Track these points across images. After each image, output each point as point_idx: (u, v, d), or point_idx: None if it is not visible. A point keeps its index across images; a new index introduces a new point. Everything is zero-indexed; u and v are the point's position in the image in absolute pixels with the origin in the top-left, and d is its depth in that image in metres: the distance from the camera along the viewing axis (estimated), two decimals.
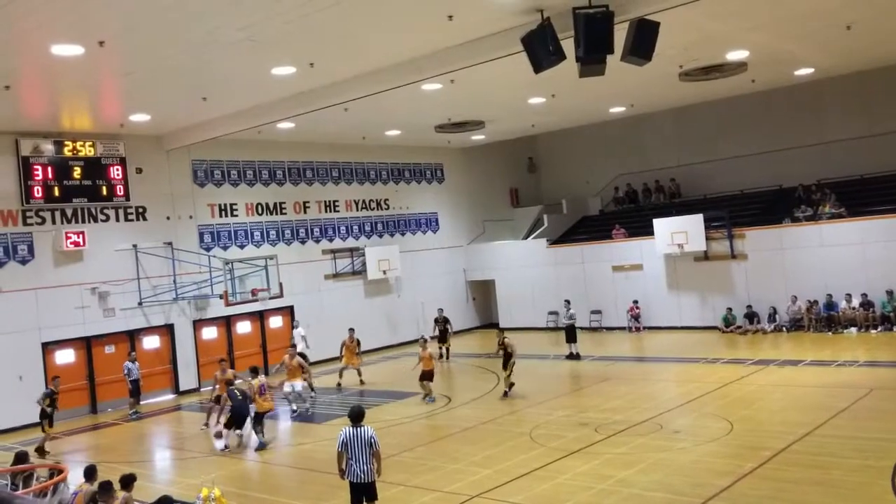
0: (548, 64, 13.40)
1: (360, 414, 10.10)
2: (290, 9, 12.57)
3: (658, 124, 30.66)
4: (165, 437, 17.97)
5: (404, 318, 29.47)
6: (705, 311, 26.24)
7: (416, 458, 13.75)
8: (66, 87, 16.71)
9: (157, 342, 23.02)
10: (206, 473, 12.68)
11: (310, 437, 16.00)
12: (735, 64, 20.52)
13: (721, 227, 25.79)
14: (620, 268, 28.12)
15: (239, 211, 25.33)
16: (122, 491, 9.72)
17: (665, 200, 30.78)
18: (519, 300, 30.42)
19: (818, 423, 13.46)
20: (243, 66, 15.80)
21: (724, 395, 16.46)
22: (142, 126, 21.22)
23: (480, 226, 33.21)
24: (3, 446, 17.51)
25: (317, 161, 27.62)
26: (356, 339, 21.93)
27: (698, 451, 12.63)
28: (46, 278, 20.75)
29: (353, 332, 22.03)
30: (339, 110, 20.19)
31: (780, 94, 26.79)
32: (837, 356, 19.64)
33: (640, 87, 22.40)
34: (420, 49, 15.85)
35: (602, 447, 13.28)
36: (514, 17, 14.02)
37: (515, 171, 35.21)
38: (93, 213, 21.78)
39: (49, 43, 13.12)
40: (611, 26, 12.75)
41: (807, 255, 24.13)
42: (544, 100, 23.15)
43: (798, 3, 15.35)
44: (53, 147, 20.88)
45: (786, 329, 24.15)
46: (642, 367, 21.50)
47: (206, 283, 23.48)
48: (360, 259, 28.31)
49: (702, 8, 13.98)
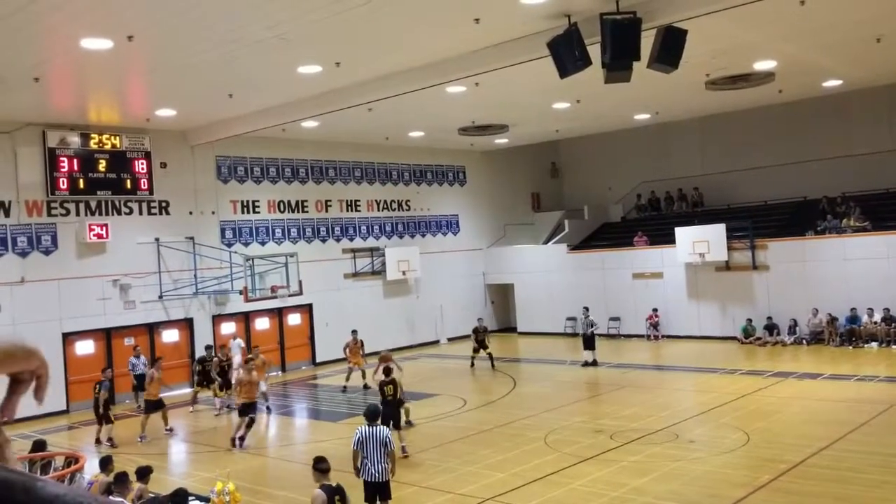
0: (574, 69, 13.38)
1: (376, 413, 10.14)
2: (319, 8, 12.63)
3: (683, 132, 30.51)
4: (181, 431, 18.08)
5: (423, 320, 29.49)
6: (725, 321, 26.07)
7: (431, 459, 13.75)
8: (93, 81, 16.88)
9: (177, 336, 23.18)
10: (220, 467, 12.76)
11: (326, 435, 16.05)
12: (762, 74, 20.38)
13: (743, 237, 25.61)
14: (641, 275, 27.99)
15: (261, 208, 25.46)
16: (138, 482, 9.80)
17: (687, 209, 30.62)
18: (537, 305, 30.35)
19: (836, 437, 13.33)
20: (270, 64, 15.89)
21: (741, 406, 16.34)
22: (167, 121, 21.39)
23: (501, 229, 33.17)
24: (23, 434, 17.70)
25: (339, 160, 27.72)
26: (360, 340, 21.99)
27: (714, 462, 12.55)
28: (69, 269, 20.96)
29: (357, 333, 22.10)
30: (363, 110, 20.26)
31: (807, 104, 26.54)
32: (858, 371, 19.45)
33: (666, 94, 22.29)
34: (446, 51, 15.87)
35: (617, 454, 13.22)
36: (541, 22, 14.00)
37: (538, 176, 35.16)
38: (116, 205, 21.98)
39: (79, 36, 13.25)
40: (638, 33, 12.70)
41: (829, 268, 23.91)
42: (569, 105, 23.10)
43: (828, 14, 15.22)
44: (80, 139, 21.10)
45: (806, 342, 23.95)
46: (660, 375, 21.39)
47: (227, 279, 23.61)
48: (379, 259, 28.37)
49: (730, 17, 13.91)
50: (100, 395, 16.83)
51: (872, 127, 26.70)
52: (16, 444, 16.02)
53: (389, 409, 14.03)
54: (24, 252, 20.28)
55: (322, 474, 8.58)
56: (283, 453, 15.36)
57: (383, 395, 14.48)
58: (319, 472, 8.61)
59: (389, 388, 14.52)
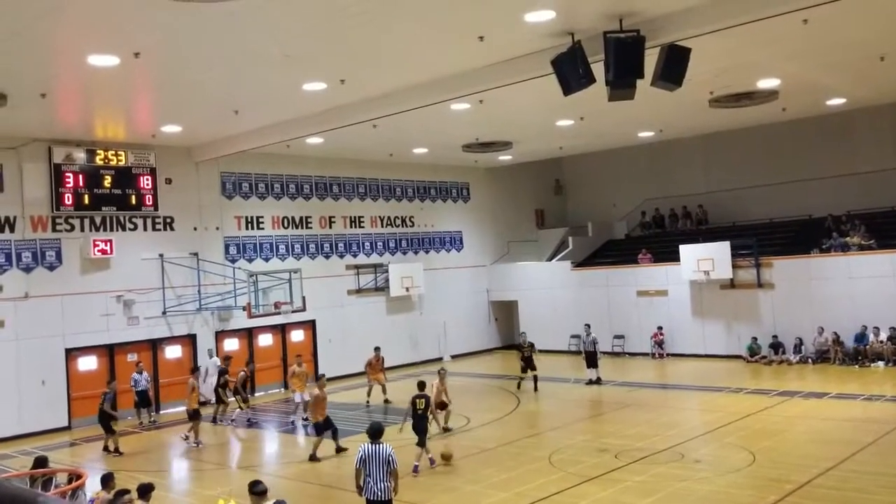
0: (577, 87, 13.40)
1: (379, 431, 10.09)
2: (324, 26, 12.68)
3: (687, 150, 30.52)
4: (182, 447, 18.00)
5: (426, 336, 29.44)
6: (730, 339, 25.97)
7: (434, 477, 13.67)
8: (100, 97, 16.95)
9: (179, 352, 23.14)
10: (222, 485, 12.69)
11: (328, 453, 15.97)
12: (766, 92, 20.40)
13: (748, 255, 25.55)
14: (645, 293, 27.93)
15: (265, 224, 25.49)
16: (140, 500, 9.74)
17: (692, 226, 30.59)
18: (541, 322, 30.24)
19: (843, 458, 13.23)
20: (275, 81, 15.96)
21: (746, 426, 16.24)
22: (173, 137, 21.46)
23: (505, 246, 33.16)
24: (24, 450, 17.66)
25: (344, 176, 27.76)
26: (381, 357, 22.15)
27: (719, 482, 12.45)
28: (73, 285, 20.96)
29: (379, 350, 22.30)
30: (367, 127, 20.30)
31: (811, 123, 26.54)
32: (864, 390, 19.34)
33: (670, 112, 22.32)
34: (450, 68, 15.92)
35: (621, 474, 13.13)
36: (545, 40, 14.04)
37: (542, 193, 35.17)
38: (121, 221, 22.01)
39: (86, 53, 13.31)
40: (641, 51, 12.73)
41: (835, 287, 23.82)
42: (573, 122, 23.13)
43: (831, 33, 15.24)
44: (85, 155, 21.16)
45: (811, 360, 23.83)
46: (665, 394, 21.27)
47: (230, 295, 23.61)
48: (383, 275, 28.35)
49: (733, 35, 13.93)
50: (104, 405, 17.52)
51: (876, 145, 26.69)
52: (17, 461, 16.02)
53: (421, 423, 14.46)
54: (29, 267, 20.29)
55: (259, 497, 8.69)
56: (285, 471, 15.27)
57: (414, 408, 14.65)
58: (256, 495, 8.70)
59: (421, 402, 14.71)
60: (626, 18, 13.04)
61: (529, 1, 12.25)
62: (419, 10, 12.30)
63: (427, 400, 14.89)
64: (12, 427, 19.40)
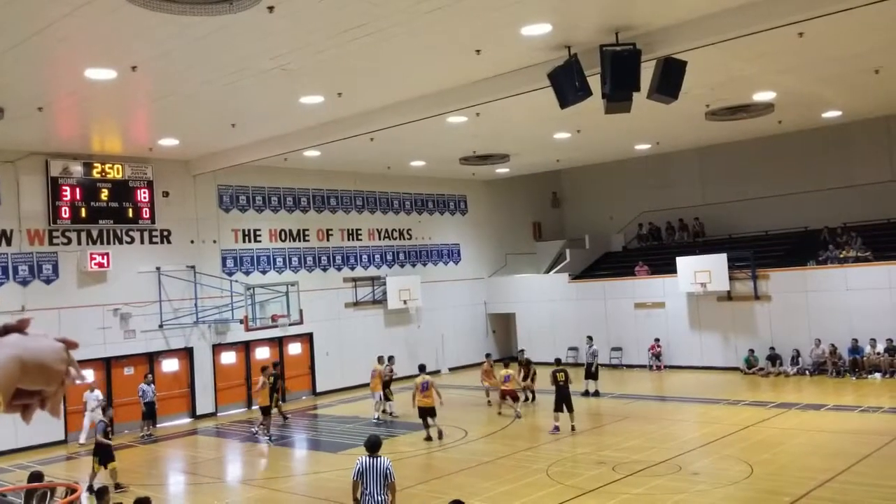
0: (574, 100, 13.45)
1: (376, 444, 10.06)
2: (322, 39, 12.72)
3: (683, 162, 30.60)
4: (180, 462, 17.94)
5: (424, 349, 29.34)
6: (727, 351, 25.97)
7: (431, 491, 13.63)
8: (97, 111, 16.97)
9: (176, 365, 23.09)
10: (219, 499, 12.64)
11: (325, 466, 15.92)
12: (762, 105, 20.49)
13: (745, 267, 25.58)
14: (642, 305, 27.93)
15: (262, 237, 25.49)
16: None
17: (689, 239, 30.63)
18: (539, 334, 30.23)
19: (840, 470, 13.22)
20: (272, 94, 15.99)
21: (744, 438, 16.22)
22: (170, 150, 21.48)
23: (502, 258, 33.18)
24: (20, 465, 17.58)
25: (341, 189, 27.78)
26: (393, 369, 22.33)
27: (717, 494, 12.43)
28: (69, 298, 20.93)
29: (392, 361, 22.45)
30: (364, 140, 20.34)
31: (807, 135, 26.65)
32: (861, 402, 19.33)
33: (666, 125, 22.39)
34: (447, 82, 15.97)
35: (619, 487, 13.10)
36: (542, 53, 14.10)
37: (539, 205, 35.22)
38: (118, 234, 22.00)
39: (83, 67, 13.34)
40: (637, 64, 12.78)
41: (831, 299, 23.85)
42: (570, 135, 23.20)
43: (826, 46, 15.32)
44: (82, 168, 21.17)
45: (809, 372, 23.82)
46: (662, 406, 21.25)
47: (227, 308, 23.57)
48: (381, 288, 28.33)
49: (729, 48, 14.01)
50: (97, 436, 15.23)
51: (872, 157, 26.78)
52: (12, 475, 15.92)
53: (563, 393, 17.70)
54: (25, 281, 20.26)
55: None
56: (283, 485, 15.22)
57: (556, 380, 17.82)
58: None
59: (561, 375, 17.75)
60: (622, 32, 13.10)
61: (526, 15, 12.30)
62: (416, 24, 12.34)
63: (566, 373, 17.79)
64: (9, 441, 19.29)
